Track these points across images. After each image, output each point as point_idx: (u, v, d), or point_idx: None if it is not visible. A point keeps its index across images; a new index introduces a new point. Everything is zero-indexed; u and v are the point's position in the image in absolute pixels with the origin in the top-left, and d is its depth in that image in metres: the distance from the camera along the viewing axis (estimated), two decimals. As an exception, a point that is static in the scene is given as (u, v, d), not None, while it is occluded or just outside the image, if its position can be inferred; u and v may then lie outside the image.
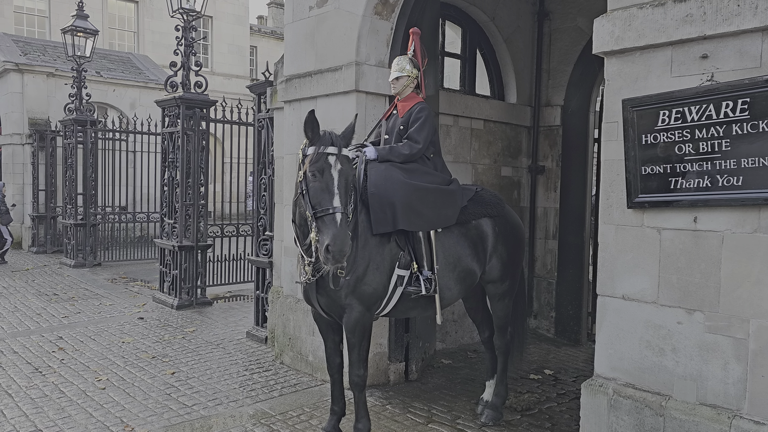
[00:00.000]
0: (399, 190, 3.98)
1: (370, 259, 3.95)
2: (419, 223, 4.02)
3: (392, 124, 4.49)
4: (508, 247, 4.52)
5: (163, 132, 8.94)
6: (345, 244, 3.48)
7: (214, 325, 7.70)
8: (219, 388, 5.39)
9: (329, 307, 4.01)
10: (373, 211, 3.98)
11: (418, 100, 4.45)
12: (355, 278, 3.89)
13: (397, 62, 4.46)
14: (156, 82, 16.99)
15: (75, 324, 7.75)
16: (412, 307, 4.21)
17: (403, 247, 4.06)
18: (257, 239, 7.06)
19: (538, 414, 4.96)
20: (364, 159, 4.21)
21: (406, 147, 4.25)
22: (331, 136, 3.75)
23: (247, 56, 31.40)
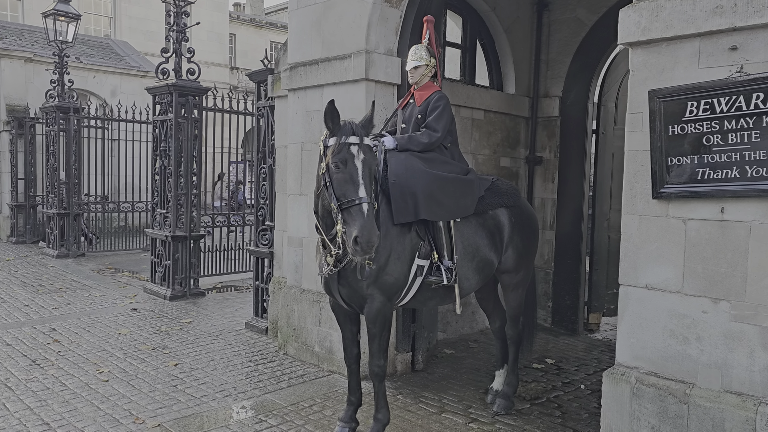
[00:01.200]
0: (420, 179, 3.96)
1: (391, 249, 3.93)
2: (440, 212, 4.01)
3: (409, 113, 4.46)
4: (523, 238, 4.53)
5: (154, 120, 8.77)
6: (373, 234, 3.43)
7: (211, 316, 7.60)
8: (225, 379, 5.33)
9: (350, 298, 3.98)
10: (394, 200, 3.95)
11: (435, 89, 4.43)
12: (377, 268, 3.86)
13: (415, 51, 4.42)
14: (138, 69, 16.66)
15: (66, 315, 7.59)
16: (430, 297, 4.21)
17: (423, 237, 4.05)
18: (257, 229, 6.98)
19: (547, 403, 5.00)
20: (383, 148, 4.17)
21: (425, 136, 4.23)
22: (352, 125, 3.69)
23: (227, 44, 30.87)
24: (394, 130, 4.59)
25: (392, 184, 3.97)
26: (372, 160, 3.69)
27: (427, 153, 4.20)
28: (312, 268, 5.75)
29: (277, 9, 48.08)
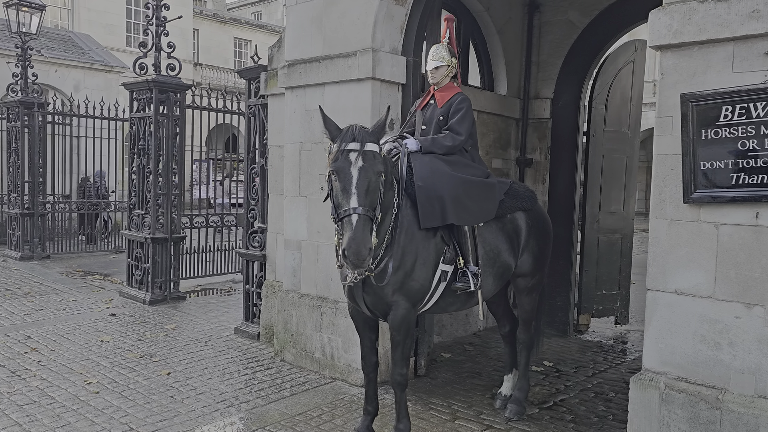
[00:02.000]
0: (447, 183, 3.86)
1: (417, 254, 3.81)
2: (466, 217, 3.92)
3: (430, 115, 4.35)
4: (539, 242, 4.48)
5: (131, 117, 8.42)
6: (361, 247, 3.25)
7: (196, 321, 7.34)
8: (224, 388, 5.12)
9: (374, 305, 3.85)
10: (421, 204, 3.83)
11: (457, 90, 4.34)
12: (403, 274, 3.75)
13: (436, 51, 4.31)
14: (102, 63, 16.07)
15: (40, 322, 7.21)
16: (452, 302, 4.12)
17: (448, 242, 3.95)
18: (246, 231, 6.75)
19: (555, 407, 4.97)
20: (406, 150, 4.05)
21: (448, 138, 4.13)
22: (353, 131, 3.52)
23: (190, 39, 30.15)
24: (413, 131, 4.48)
25: (418, 187, 3.85)
26: (375, 167, 3.45)
27: (450, 156, 4.11)
28: (311, 272, 5.59)
29: (239, 5, 47.47)
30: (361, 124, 3.71)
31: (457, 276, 3.95)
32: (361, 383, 5.10)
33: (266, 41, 38.03)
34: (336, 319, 5.32)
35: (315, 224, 5.51)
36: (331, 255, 5.40)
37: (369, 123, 4.99)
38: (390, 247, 3.75)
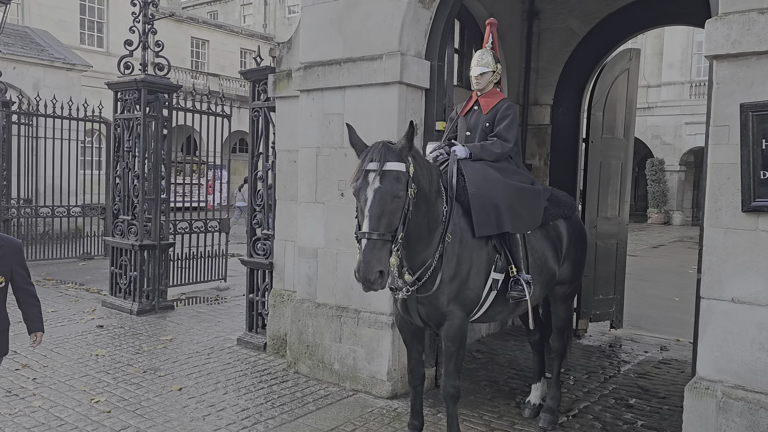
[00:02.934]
0: (501, 190, 3.79)
1: (471, 263, 3.74)
2: (519, 224, 3.86)
3: (474, 121, 4.28)
4: (578, 249, 4.47)
5: (116, 118, 8.03)
6: (368, 272, 3.16)
7: (191, 332, 7.03)
8: (243, 404, 4.89)
9: (428, 315, 3.75)
10: (476, 212, 3.75)
11: (501, 96, 4.28)
12: (459, 283, 3.66)
13: (481, 57, 4.25)
14: (63, 61, 15.37)
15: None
16: (500, 311, 4.06)
17: (500, 250, 3.88)
18: (250, 238, 6.51)
19: (581, 415, 4.95)
20: (455, 157, 3.96)
21: (497, 145, 4.07)
22: (373, 150, 3.38)
23: (147, 38, 29.29)
24: (454, 136, 4.40)
25: (473, 195, 3.76)
26: (394, 188, 3.28)
27: (499, 162, 4.05)
28: (329, 281, 5.42)
29: (194, 4, 46.40)
30: (388, 139, 3.56)
31: (510, 284, 3.89)
32: (387, 395, 5.02)
33: (225, 41, 37.44)
34: (358, 330, 5.17)
35: (333, 231, 5.35)
36: (351, 263, 5.25)
37: (395, 128, 4.92)
38: (442, 256, 3.66)
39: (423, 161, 3.69)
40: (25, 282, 3.62)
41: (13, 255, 3.53)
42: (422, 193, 3.55)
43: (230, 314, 8.07)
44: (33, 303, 3.73)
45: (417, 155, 3.61)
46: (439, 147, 4.17)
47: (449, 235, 3.66)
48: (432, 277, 3.67)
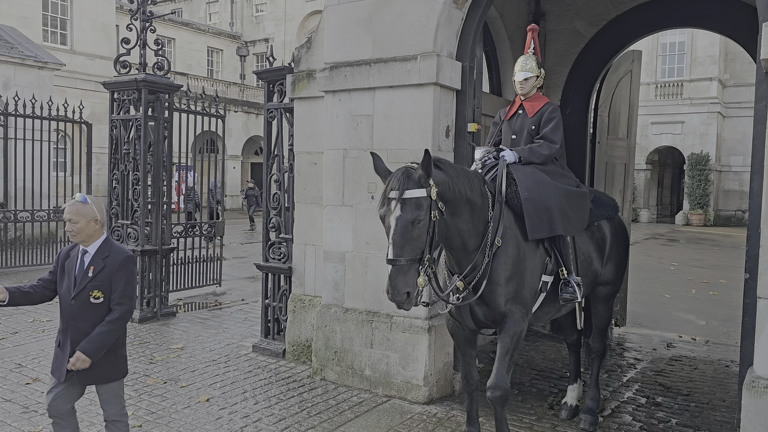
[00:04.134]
0: (552, 194, 3.81)
1: (527, 266, 3.75)
2: (569, 227, 3.90)
3: (520, 124, 4.29)
4: (620, 250, 4.50)
5: (112, 119, 7.73)
6: (396, 294, 3.26)
7: (200, 339, 6.83)
8: (278, 414, 4.76)
9: (487, 316, 3.75)
10: (528, 216, 3.76)
11: (546, 99, 4.32)
12: (516, 283, 3.68)
13: (525, 62, 4.26)
14: (35, 59, 14.78)
15: (23, 347, 6.47)
16: (547, 312, 4.10)
17: (550, 253, 3.89)
18: (266, 242, 6.36)
19: (615, 415, 4.98)
20: (504, 162, 3.96)
21: (544, 147, 4.09)
22: (393, 178, 3.38)
23: (113, 35, 28.51)
24: (499, 140, 4.40)
25: (525, 199, 3.77)
26: (413, 216, 3.28)
27: (547, 165, 4.07)
28: (358, 285, 5.33)
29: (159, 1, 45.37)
30: (411, 163, 3.49)
31: (560, 286, 3.92)
32: (424, 401, 4.96)
33: (191, 40, 36.79)
34: (391, 335, 5.09)
35: (363, 235, 5.26)
36: (382, 267, 5.17)
37: (430, 129, 4.87)
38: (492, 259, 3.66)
39: (457, 172, 3.64)
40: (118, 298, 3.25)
41: (115, 268, 3.24)
42: (461, 201, 3.57)
43: (234, 320, 7.88)
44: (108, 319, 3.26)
45: (449, 169, 3.58)
46: (487, 152, 4.16)
47: (499, 239, 3.66)
48: (481, 280, 3.66)
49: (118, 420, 3.42)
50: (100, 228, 3.32)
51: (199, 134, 8.82)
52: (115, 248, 3.34)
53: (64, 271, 3.33)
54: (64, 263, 3.36)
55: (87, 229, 3.24)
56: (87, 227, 3.24)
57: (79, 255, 3.31)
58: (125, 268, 3.26)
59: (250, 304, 8.92)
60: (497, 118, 4.61)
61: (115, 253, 3.28)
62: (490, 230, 3.70)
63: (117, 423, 3.43)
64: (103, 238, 3.34)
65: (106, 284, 3.23)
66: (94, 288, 3.21)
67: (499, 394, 3.76)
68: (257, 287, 10.31)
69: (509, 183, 3.90)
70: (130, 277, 3.29)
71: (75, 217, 3.22)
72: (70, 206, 3.26)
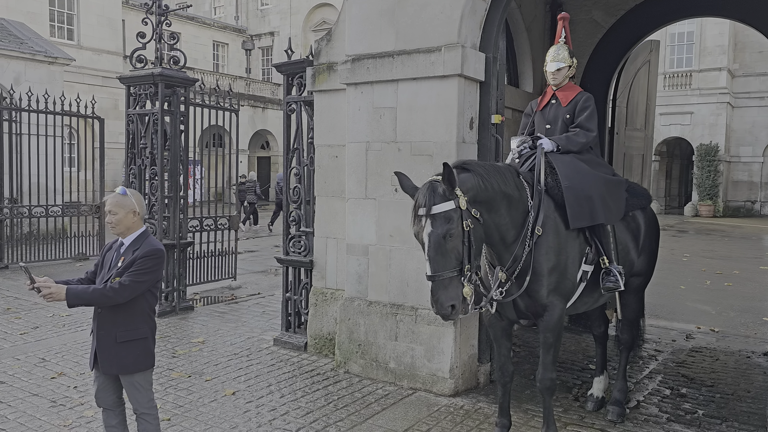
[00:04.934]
0: (593, 182, 3.81)
1: (568, 254, 3.76)
2: (610, 216, 3.90)
3: (554, 114, 4.27)
4: (652, 241, 4.49)
5: (128, 113, 7.73)
6: (441, 308, 3.28)
7: (220, 333, 6.84)
8: (305, 407, 4.77)
9: (527, 308, 3.76)
10: (570, 205, 3.75)
11: (578, 89, 4.32)
12: (558, 274, 3.69)
13: (557, 52, 4.24)
14: (45, 54, 14.80)
15: (45, 341, 6.50)
16: (585, 302, 4.11)
17: (590, 242, 3.88)
18: (287, 236, 6.35)
19: (642, 407, 4.97)
20: (542, 150, 3.94)
21: (581, 135, 4.09)
22: (419, 194, 3.35)
23: (120, 30, 28.51)
24: (532, 131, 4.39)
25: (566, 188, 3.76)
26: (444, 229, 3.25)
27: (584, 154, 4.06)
28: (381, 278, 5.32)
29: (163, -5, 45.30)
30: (437, 178, 3.41)
31: (601, 276, 3.91)
32: (450, 393, 4.97)
33: (197, 34, 36.71)
34: (416, 327, 5.09)
35: (386, 228, 5.25)
36: (406, 260, 5.18)
37: (454, 121, 4.85)
38: (532, 249, 3.64)
39: (487, 169, 3.60)
40: (125, 278, 3.16)
41: (135, 260, 3.21)
42: (497, 197, 3.56)
43: (252, 313, 7.89)
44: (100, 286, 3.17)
45: (478, 168, 3.55)
46: (523, 141, 4.15)
47: (540, 228, 3.65)
48: (523, 270, 3.65)
49: (145, 413, 3.43)
50: (139, 220, 3.33)
51: (206, 128, 8.79)
52: (148, 241, 3.34)
53: (104, 262, 3.35)
54: (105, 255, 3.38)
55: (126, 221, 3.26)
56: (125, 219, 3.26)
57: (117, 247, 3.32)
58: (145, 257, 3.22)
59: (266, 297, 8.93)
60: (528, 110, 4.59)
61: (145, 246, 3.28)
62: (530, 220, 3.69)
63: (145, 416, 3.44)
64: (141, 230, 3.35)
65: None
66: (116, 276, 3.21)
67: (548, 385, 3.82)
68: (271, 281, 10.34)
69: (548, 172, 3.90)
70: (147, 265, 3.21)
71: (114, 208, 3.24)
72: (111, 198, 3.28)
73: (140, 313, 3.32)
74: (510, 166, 3.93)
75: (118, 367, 3.33)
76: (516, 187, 3.71)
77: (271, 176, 36.73)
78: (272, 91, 36.29)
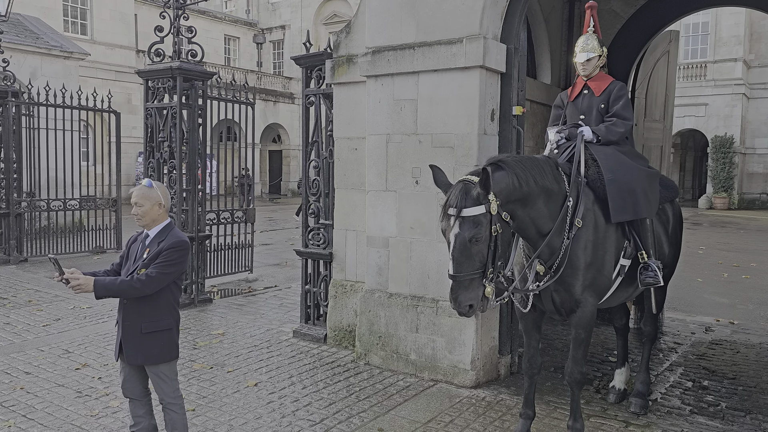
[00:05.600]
0: (636, 176, 3.82)
1: (606, 249, 3.72)
2: (650, 210, 3.90)
3: (587, 104, 4.25)
4: (678, 234, 4.48)
5: (147, 107, 7.77)
6: (459, 306, 3.31)
7: (239, 325, 6.89)
8: (328, 398, 4.79)
9: (562, 303, 3.75)
10: (612, 198, 3.74)
11: (610, 78, 4.29)
12: (595, 270, 3.68)
13: (586, 42, 4.21)
14: (60, 49, 14.89)
15: (67, 333, 6.57)
16: (618, 297, 4.09)
17: (628, 236, 3.86)
18: (305, 228, 6.38)
19: (663, 398, 4.95)
20: (582, 139, 3.94)
21: (619, 125, 4.09)
22: (451, 193, 3.33)
23: (132, 25, 28.62)
24: (565, 122, 4.38)
25: (609, 181, 3.76)
26: (470, 233, 3.24)
27: (623, 146, 4.07)
28: (402, 270, 5.33)
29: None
30: (472, 179, 3.37)
31: (639, 270, 3.89)
32: (471, 384, 4.98)
33: (208, 28, 36.73)
34: (437, 319, 5.10)
35: (407, 220, 5.25)
36: (427, 252, 5.19)
37: (476, 113, 4.85)
38: (571, 241, 3.64)
39: (524, 164, 3.57)
40: (150, 270, 3.20)
41: (161, 251, 3.23)
42: (535, 193, 3.54)
43: (270, 306, 7.93)
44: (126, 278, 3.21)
45: (514, 165, 3.51)
46: (560, 131, 4.14)
47: (580, 219, 3.63)
48: (561, 263, 3.64)
49: (172, 402, 3.47)
50: (164, 213, 3.35)
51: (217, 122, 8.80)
52: (173, 233, 3.36)
53: (129, 254, 3.38)
54: (130, 247, 3.40)
55: (151, 213, 3.29)
56: (151, 211, 3.29)
57: (142, 239, 3.35)
58: (171, 248, 3.25)
59: (283, 290, 8.97)
60: (558, 101, 4.57)
61: (170, 238, 3.31)
62: (569, 212, 3.66)
63: (171, 405, 3.48)
64: (165, 223, 3.37)
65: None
66: (143, 268, 3.23)
67: (578, 378, 3.84)
68: (287, 273, 10.39)
69: (589, 164, 3.88)
70: (173, 257, 3.24)
71: (141, 200, 3.27)
72: (137, 190, 3.31)
73: (165, 304, 3.35)
74: (549, 158, 3.89)
75: (142, 358, 3.36)
76: (555, 180, 3.69)
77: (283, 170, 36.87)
78: (283, 84, 36.35)
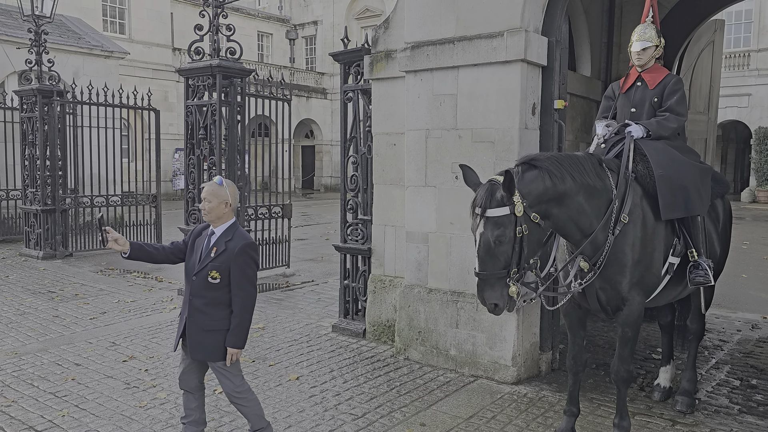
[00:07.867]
0: (687, 171, 3.73)
1: (654, 248, 3.65)
2: (702, 207, 3.80)
3: (640, 97, 4.17)
4: (728, 230, 4.38)
5: (187, 104, 7.90)
6: (484, 303, 3.37)
7: (279, 320, 6.98)
8: (369, 392, 4.83)
9: (608, 301, 3.69)
10: (663, 195, 3.66)
11: (666, 70, 4.20)
12: (643, 267, 3.61)
13: (643, 31, 4.13)
14: (102, 49, 15.23)
15: (113, 326, 6.75)
16: (666, 295, 4.00)
17: (678, 233, 3.78)
18: (344, 224, 6.41)
19: (710, 397, 4.85)
20: (631, 137, 3.87)
21: (672, 120, 4.00)
22: (478, 193, 3.33)
23: (168, 23, 29.07)
24: (615, 114, 4.31)
25: (660, 176, 3.69)
26: (495, 234, 3.23)
27: (675, 141, 3.98)
28: (441, 266, 5.33)
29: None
30: (499, 180, 3.32)
31: (689, 269, 3.81)
32: (512, 381, 4.96)
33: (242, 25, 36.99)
34: (477, 315, 5.08)
35: (446, 215, 5.24)
36: (467, 247, 5.17)
37: (517, 107, 4.80)
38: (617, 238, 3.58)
39: (561, 163, 3.50)
40: (235, 286, 3.34)
41: (235, 253, 3.31)
42: (573, 191, 3.49)
43: (307, 300, 8.01)
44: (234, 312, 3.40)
45: (549, 164, 3.45)
46: (607, 126, 4.06)
47: (626, 215, 3.56)
48: (606, 258, 3.59)
49: (236, 397, 3.56)
50: (230, 212, 3.42)
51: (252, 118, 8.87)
52: (239, 233, 3.44)
53: (194, 247, 3.45)
54: (195, 240, 3.48)
55: (217, 210, 3.36)
56: (218, 208, 3.36)
57: (208, 235, 3.42)
58: (243, 254, 3.33)
59: (320, 285, 9.05)
60: (609, 92, 4.49)
61: (237, 238, 3.38)
62: (615, 208, 3.59)
63: (236, 399, 3.57)
64: (231, 222, 3.44)
65: (224, 267, 3.32)
66: (213, 268, 3.31)
67: (624, 376, 3.79)
68: (324, 268, 10.47)
69: (637, 159, 3.81)
70: (248, 263, 3.35)
71: (209, 196, 3.35)
72: (207, 186, 3.41)
73: (226, 304, 3.41)
74: (591, 155, 3.82)
75: (204, 354, 3.46)
76: (597, 177, 3.62)
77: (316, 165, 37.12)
78: (316, 80, 36.52)
